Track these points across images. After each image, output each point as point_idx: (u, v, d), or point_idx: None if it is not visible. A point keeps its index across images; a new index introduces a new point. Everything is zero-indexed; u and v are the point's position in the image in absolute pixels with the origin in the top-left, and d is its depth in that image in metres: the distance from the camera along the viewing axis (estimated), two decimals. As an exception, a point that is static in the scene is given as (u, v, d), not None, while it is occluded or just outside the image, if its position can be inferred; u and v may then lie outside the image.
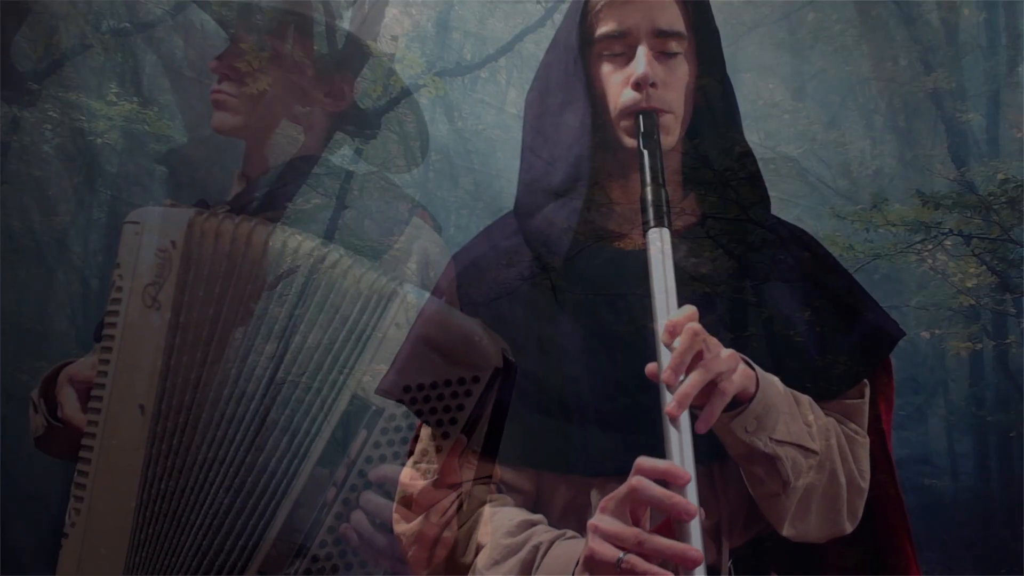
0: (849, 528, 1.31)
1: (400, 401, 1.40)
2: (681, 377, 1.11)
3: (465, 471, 1.34)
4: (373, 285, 1.47)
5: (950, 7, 2.59)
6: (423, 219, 1.69)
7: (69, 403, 1.65)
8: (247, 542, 1.45)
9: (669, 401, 1.10)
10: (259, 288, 1.50)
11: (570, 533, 1.23)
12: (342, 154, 1.75)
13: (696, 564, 1.02)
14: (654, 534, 1.05)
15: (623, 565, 1.04)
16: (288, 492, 1.45)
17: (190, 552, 1.48)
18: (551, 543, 1.20)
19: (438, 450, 1.36)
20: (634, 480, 1.07)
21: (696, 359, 1.12)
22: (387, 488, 1.43)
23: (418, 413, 1.39)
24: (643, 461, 1.08)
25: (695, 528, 1.05)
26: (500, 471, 1.34)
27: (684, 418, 1.09)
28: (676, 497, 1.05)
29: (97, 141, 2.46)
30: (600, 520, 1.08)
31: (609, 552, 1.05)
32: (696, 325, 1.13)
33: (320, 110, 1.71)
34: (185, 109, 2.28)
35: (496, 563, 1.22)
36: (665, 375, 1.11)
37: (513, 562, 1.21)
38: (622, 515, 1.07)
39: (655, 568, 1.03)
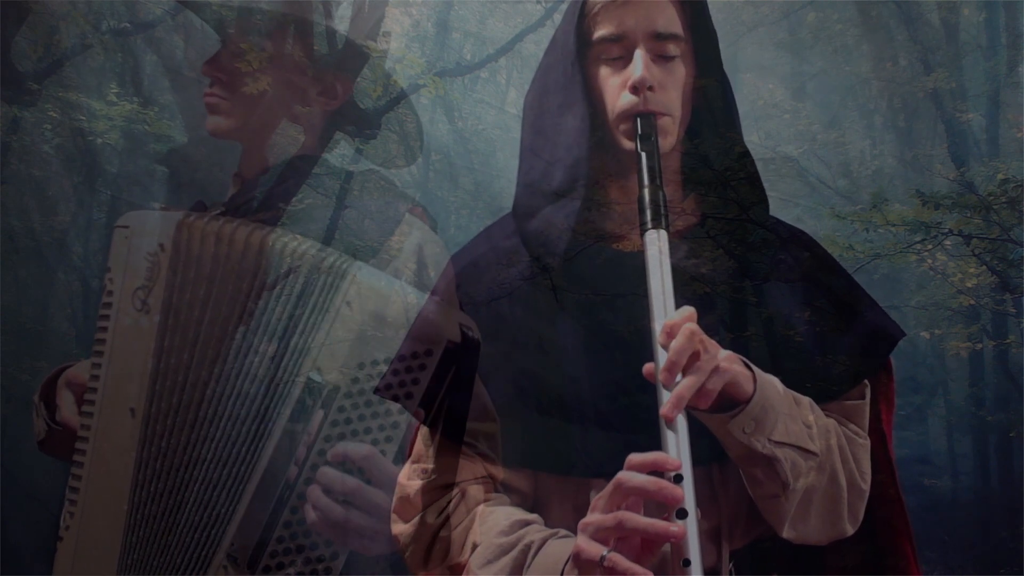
0: (850, 530, 1.31)
1: (356, 378, 1.42)
2: (678, 378, 1.11)
3: (462, 470, 1.34)
4: (331, 267, 1.48)
5: (950, 7, 2.59)
6: (418, 216, 1.69)
7: (67, 406, 1.65)
8: (219, 531, 1.47)
9: (665, 402, 1.10)
10: (246, 288, 1.50)
11: (563, 532, 1.23)
12: (341, 154, 1.75)
13: (678, 539, 1.04)
14: (635, 513, 1.06)
15: (605, 563, 1.04)
16: (252, 476, 1.46)
17: (179, 550, 1.49)
18: (543, 542, 1.21)
19: (435, 450, 1.36)
20: (619, 474, 1.07)
21: (693, 360, 1.12)
22: (346, 466, 1.44)
23: (374, 389, 1.41)
24: (632, 457, 1.09)
25: (692, 528, 1.05)
26: (501, 472, 1.34)
27: (681, 419, 1.10)
28: (660, 482, 1.06)
29: (97, 141, 2.46)
30: (589, 517, 1.09)
31: (594, 550, 1.06)
32: (693, 325, 1.13)
33: (317, 110, 1.71)
34: (185, 109, 2.27)
35: (489, 562, 1.23)
36: (662, 375, 1.11)
37: (505, 561, 1.21)
38: (612, 512, 1.08)
39: (636, 567, 1.04)
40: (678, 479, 1.07)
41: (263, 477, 1.45)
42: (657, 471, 1.08)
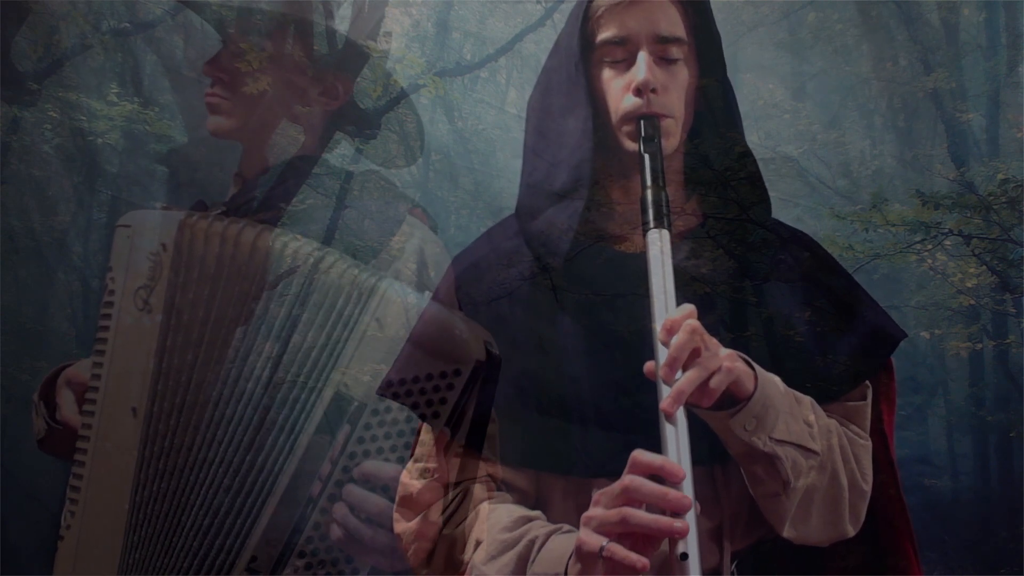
0: (851, 532, 1.31)
1: (383, 396, 1.41)
2: (679, 374, 1.12)
3: (464, 470, 1.34)
4: (355, 280, 1.48)
5: (950, 7, 2.59)
6: (418, 217, 1.69)
7: (67, 405, 1.65)
8: (236, 541, 1.46)
9: (665, 397, 1.10)
10: (252, 289, 1.50)
11: (566, 527, 1.24)
12: (341, 154, 1.75)
13: (682, 535, 1.04)
14: (638, 510, 1.06)
15: (604, 553, 1.05)
16: (274, 489, 1.45)
17: (183, 553, 1.48)
18: (547, 537, 1.22)
19: (443, 453, 1.36)
20: (627, 479, 1.08)
21: (693, 356, 1.12)
22: (370, 484, 1.44)
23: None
24: (638, 455, 1.09)
25: (691, 521, 1.05)
26: (500, 471, 1.34)
27: (680, 415, 1.10)
28: (671, 492, 1.06)
29: (97, 141, 2.46)
30: (592, 512, 1.09)
31: (594, 541, 1.06)
32: (694, 322, 1.13)
33: (318, 110, 1.72)
34: (185, 109, 2.27)
35: (493, 558, 1.23)
36: (662, 371, 1.12)
37: (510, 556, 1.22)
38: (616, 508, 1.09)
39: (633, 555, 1.04)
40: None
41: (286, 490, 1.45)
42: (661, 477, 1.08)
